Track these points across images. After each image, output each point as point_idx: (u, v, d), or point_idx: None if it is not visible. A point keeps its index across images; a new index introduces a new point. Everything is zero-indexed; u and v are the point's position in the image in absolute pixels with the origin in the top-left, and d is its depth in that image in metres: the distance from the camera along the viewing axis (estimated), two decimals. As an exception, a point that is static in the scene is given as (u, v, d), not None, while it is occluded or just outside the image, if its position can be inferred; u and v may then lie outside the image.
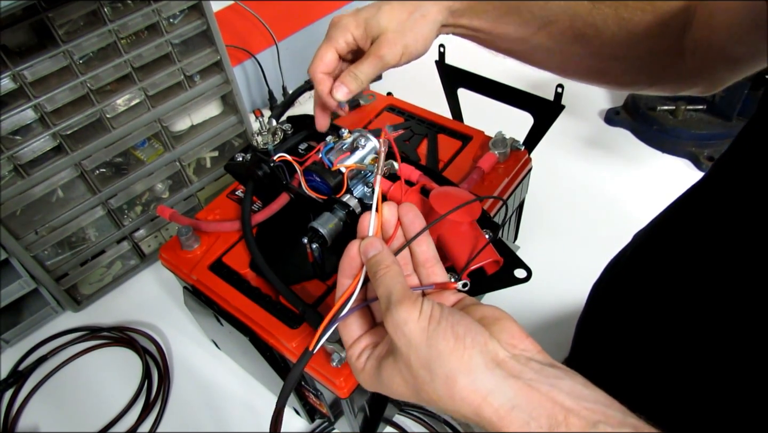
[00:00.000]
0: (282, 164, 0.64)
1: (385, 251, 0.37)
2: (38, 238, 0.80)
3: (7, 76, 0.68)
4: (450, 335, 0.31)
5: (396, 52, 0.51)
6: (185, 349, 0.85)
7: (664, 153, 1.08)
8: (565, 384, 0.30)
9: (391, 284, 0.35)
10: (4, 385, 0.82)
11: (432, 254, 0.41)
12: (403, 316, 0.32)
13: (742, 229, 0.35)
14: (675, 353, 0.41)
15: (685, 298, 0.41)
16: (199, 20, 0.83)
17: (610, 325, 0.51)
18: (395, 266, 0.36)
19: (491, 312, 0.35)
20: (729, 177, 0.39)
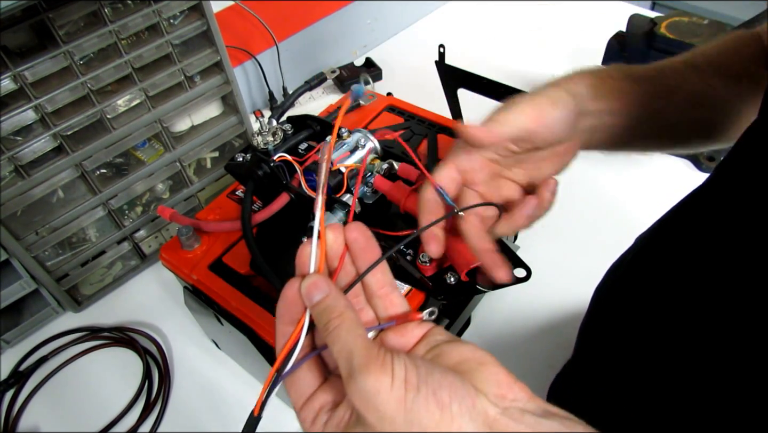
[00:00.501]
0: (282, 164, 0.64)
1: (334, 293, 0.30)
2: (39, 238, 0.80)
3: (7, 76, 0.69)
4: (433, 405, 0.26)
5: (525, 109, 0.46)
6: (186, 349, 0.86)
7: (663, 153, 1.08)
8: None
9: (350, 340, 0.28)
10: (4, 385, 0.82)
11: (388, 280, 0.35)
12: (372, 385, 0.26)
13: (746, 232, 0.35)
14: (679, 357, 0.41)
15: (689, 302, 0.40)
16: (200, 21, 0.83)
17: (613, 328, 0.50)
18: (349, 312, 0.29)
19: (471, 354, 0.30)
20: (731, 180, 0.39)
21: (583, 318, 0.57)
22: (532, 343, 0.82)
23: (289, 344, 0.31)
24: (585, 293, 0.64)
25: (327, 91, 1.30)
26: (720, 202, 0.40)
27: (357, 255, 0.34)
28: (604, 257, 0.60)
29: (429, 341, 0.32)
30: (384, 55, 1.33)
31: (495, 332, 0.83)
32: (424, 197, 0.42)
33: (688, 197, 0.45)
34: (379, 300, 0.34)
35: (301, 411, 0.31)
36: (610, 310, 0.52)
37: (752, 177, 0.36)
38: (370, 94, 0.88)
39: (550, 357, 0.79)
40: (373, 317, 0.35)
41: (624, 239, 0.58)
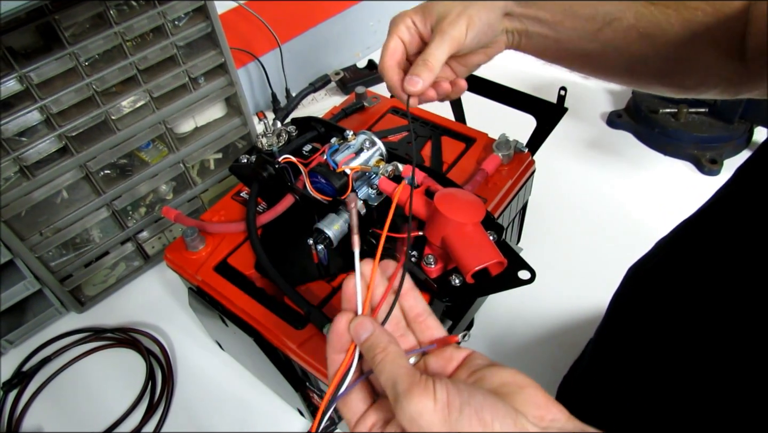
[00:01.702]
0: (287, 166, 0.64)
1: (378, 330, 0.34)
2: (43, 239, 0.80)
3: (13, 77, 0.69)
4: (476, 423, 0.28)
5: (461, 25, 0.48)
6: (189, 350, 0.86)
7: (666, 156, 1.08)
8: None
9: (394, 370, 0.31)
10: (8, 386, 0.82)
11: (422, 308, 0.38)
12: (416, 408, 0.29)
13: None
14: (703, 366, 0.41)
15: (715, 311, 0.40)
16: (204, 23, 0.83)
17: (634, 335, 0.50)
18: (392, 346, 0.33)
19: (512, 378, 0.32)
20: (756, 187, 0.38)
21: (601, 322, 0.57)
22: (534, 345, 0.82)
23: (342, 370, 0.35)
24: (588, 295, 0.64)
25: (330, 93, 1.31)
26: (745, 209, 0.39)
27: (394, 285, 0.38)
28: (607, 259, 0.60)
29: (470, 365, 0.34)
30: (386, 57, 1.33)
31: (498, 334, 0.83)
32: None
33: (710, 204, 0.45)
34: (416, 325, 0.37)
35: (356, 427, 0.34)
36: (631, 316, 0.51)
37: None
38: (373, 97, 0.89)
39: (552, 359, 0.79)
40: (415, 342, 0.37)
41: (625, 239, 0.58)
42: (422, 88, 0.50)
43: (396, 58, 0.52)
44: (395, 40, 0.52)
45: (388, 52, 0.52)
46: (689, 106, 1.06)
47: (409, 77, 0.50)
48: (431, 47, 0.49)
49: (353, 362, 0.35)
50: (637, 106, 1.11)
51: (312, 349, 0.57)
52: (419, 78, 0.49)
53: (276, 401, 0.78)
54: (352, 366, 0.35)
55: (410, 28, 0.51)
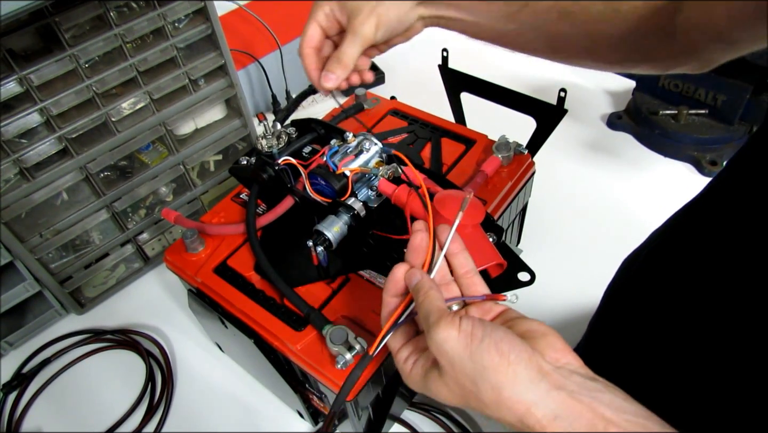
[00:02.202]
0: (287, 167, 0.64)
1: (425, 278, 0.41)
2: (43, 241, 0.80)
3: (13, 79, 0.69)
4: (494, 352, 0.33)
5: (370, 26, 0.50)
6: (189, 352, 0.86)
7: (666, 157, 1.08)
8: (605, 397, 0.32)
9: (430, 307, 0.38)
10: (7, 387, 0.82)
11: (471, 267, 0.44)
12: (442, 335, 0.35)
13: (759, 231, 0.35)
14: (690, 355, 0.41)
15: (704, 300, 0.40)
16: (204, 24, 0.83)
17: (625, 324, 0.51)
18: (432, 290, 0.39)
19: (537, 327, 0.37)
20: (744, 180, 0.39)
21: (594, 313, 0.57)
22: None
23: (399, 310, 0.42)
24: (589, 295, 0.64)
25: (330, 95, 1.31)
26: (734, 201, 0.40)
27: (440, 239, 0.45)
28: (608, 259, 0.60)
29: (504, 316, 0.41)
30: (387, 59, 1.33)
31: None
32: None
33: (701, 194, 0.45)
34: (464, 280, 0.44)
35: (397, 354, 0.41)
36: (623, 306, 0.52)
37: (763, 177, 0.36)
38: (374, 98, 0.89)
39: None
40: (458, 293, 0.44)
41: (626, 241, 0.58)
42: (336, 84, 0.54)
43: (313, 44, 0.54)
44: (314, 26, 0.54)
45: (306, 38, 0.54)
46: (689, 108, 1.06)
47: (324, 73, 0.53)
48: (344, 46, 0.51)
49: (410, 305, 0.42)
50: (637, 108, 1.11)
51: (311, 350, 0.57)
52: (333, 74, 0.53)
53: (275, 403, 0.78)
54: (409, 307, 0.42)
55: (329, 16, 0.53)
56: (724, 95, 1.02)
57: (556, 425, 0.31)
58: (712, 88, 1.03)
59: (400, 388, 0.64)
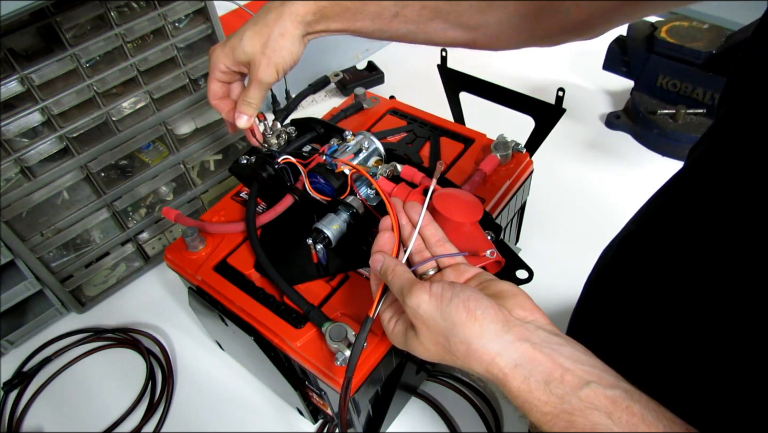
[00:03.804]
0: (286, 166, 0.65)
1: (387, 260, 0.45)
2: (44, 240, 0.80)
3: (14, 79, 0.69)
4: (462, 309, 0.37)
5: (271, 73, 0.57)
6: (189, 350, 0.86)
7: (664, 156, 1.08)
8: (565, 349, 0.35)
9: (400, 280, 0.42)
10: (8, 386, 0.82)
11: (441, 235, 0.49)
12: (415, 301, 0.39)
13: (725, 218, 0.37)
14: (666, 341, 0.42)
15: (671, 288, 0.41)
16: (204, 24, 0.84)
17: (602, 315, 0.51)
18: (398, 266, 0.44)
19: (508, 288, 0.41)
20: (707, 168, 0.40)
21: (575, 306, 0.58)
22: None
23: (378, 294, 0.46)
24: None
25: (330, 94, 1.31)
26: (697, 190, 0.41)
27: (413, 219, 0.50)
28: (606, 258, 0.60)
29: (478, 278, 0.44)
30: (386, 59, 1.34)
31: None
32: None
33: (667, 185, 0.47)
34: (437, 248, 0.48)
35: (382, 315, 0.46)
36: (598, 297, 0.53)
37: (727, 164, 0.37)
38: (373, 98, 0.89)
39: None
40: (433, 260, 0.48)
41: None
42: (249, 123, 0.61)
43: (218, 97, 0.62)
44: (214, 83, 0.61)
45: (210, 94, 0.62)
46: (687, 107, 1.06)
47: (238, 115, 0.60)
48: (251, 92, 0.59)
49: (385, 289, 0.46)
50: (636, 108, 1.12)
51: (311, 348, 0.57)
52: (245, 115, 0.60)
53: (276, 401, 0.78)
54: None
55: (225, 72, 0.60)
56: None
57: (516, 372, 0.34)
58: (710, 88, 1.04)
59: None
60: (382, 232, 0.48)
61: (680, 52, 1.03)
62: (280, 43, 0.56)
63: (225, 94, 0.63)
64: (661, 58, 1.06)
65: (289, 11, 0.55)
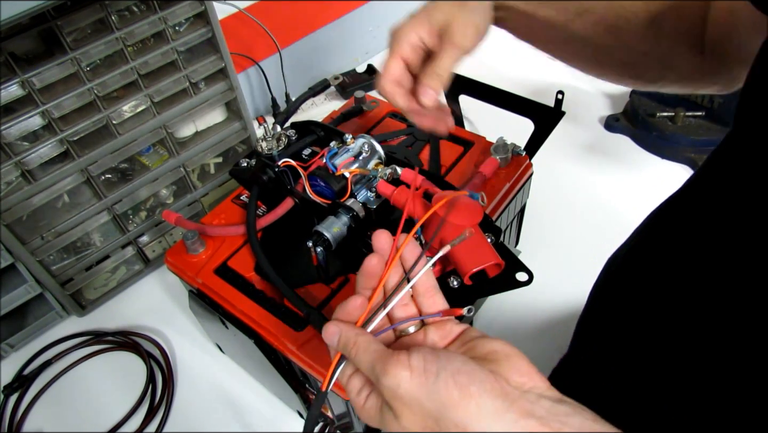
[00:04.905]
0: (286, 169, 0.65)
1: (345, 329, 0.36)
2: (44, 243, 0.81)
3: (15, 82, 0.69)
4: (452, 386, 0.30)
5: (471, 36, 0.48)
6: (189, 353, 0.86)
7: (663, 159, 1.09)
8: (575, 421, 0.30)
9: (367, 356, 0.34)
10: (9, 389, 0.82)
11: (432, 284, 0.40)
12: (394, 381, 0.31)
13: (736, 227, 0.36)
14: (674, 349, 0.42)
15: (682, 295, 0.41)
16: (205, 28, 0.84)
17: (609, 322, 0.51)
18: (360, 337, 0.35)
19: (500, 347, 0.35)
20: (717, 178, 0.40)
21: (581, 313, 0.58)
22: (534, 346, 0.82)
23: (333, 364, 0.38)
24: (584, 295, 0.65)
25: (329, 97, 1.32)
26: (710, 197, 0.41)
27: (404, 261, 0.40)
28: (604, 260, 0.60)
29: (464, 337, 0.37)
30: (386, 62, 1.34)
31: (497, 335, 0.84)
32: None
33: (680, 191, 0.46)
34: (423, 299, 0.40)
35: (349, 383, 0.37)
36: (607, 304, 0.53)
37: (738, 174, 0.37)
38: (372, 101, 0.89)
39: (552, 360, 0.79)
40: (417, 313, 0.40)
41: (624, 243, 0.58)
42: (435, 100, 0.49)
43: (395, 78, 0.51)
44: (396, 61, 0.50)
45: (388, 73, 0.50)
46: (686, 110, 1.07)
47: (423, 88, 0.48)
48: (443, 58, 0.48)
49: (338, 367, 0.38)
50: (635, 110, 1.12)
51: (312, 350, 0.57)
52: (432, 89, 0.48)
53: (276, 404, 0.78)
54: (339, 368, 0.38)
55: (415, 46, 0.50)
56: (720, 97, 1.03)
57: None
58: (709, 91, 1.04)
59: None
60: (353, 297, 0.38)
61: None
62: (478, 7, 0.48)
63: (401, 78, 0.51)
64: (660, 60, 1.06)
65: None
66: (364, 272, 0.39)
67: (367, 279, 0.39)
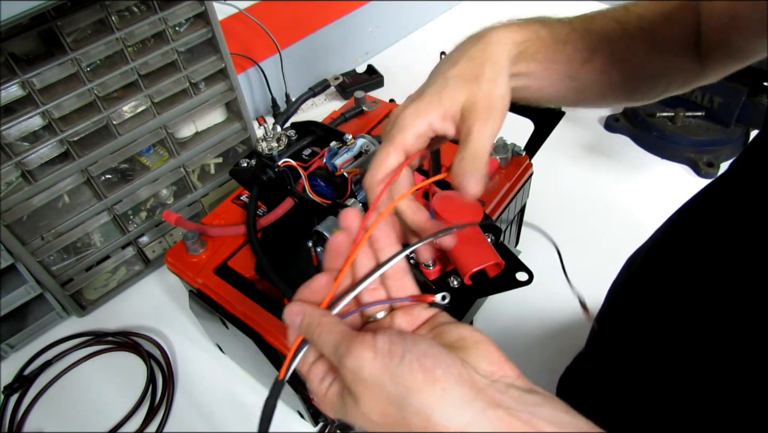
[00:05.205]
0: (287, 169, 0.65)
1: (308, 310, 0.34)
2: (44, 243, 0.81)
3: (15, 83, 0.70)
4: (417, 369, 0.28)
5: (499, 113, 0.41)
6: (189, 353, 0.86)
7: (663, 159, 1.09)
8: (545, 411, 0.29)
9: (331, 337, 0.32)
10: (9, 390, 0.82)
11: (401, 266, 0.37)
12: (357, 361, 0.29)
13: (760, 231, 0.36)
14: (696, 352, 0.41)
15: (706, 298, 0.41)
16: (205, 28, 0.84)
17: (630, 323, 0.51)
18: (324, 318, 0.33)
19: (470, 334, 0.33)
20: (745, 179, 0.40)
21: (599, 312, 0.58)
22: (534, 346, 0.82)
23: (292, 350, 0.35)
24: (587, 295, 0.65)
25: (329, 97, 1.32)
26: (737, 199, 0.40)
27: (375, 240, 0.37)
28: (605, 260, 0.60)
29: (433, 322, 0.35)
30: (386, 62, 1.34)
31: (497, 336, 0.83)
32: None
33: (704, 192, 0.46)
34: (392, 282, 0.37)
35: (311, 371, 0.35)
36: (627, 304, 0.52)
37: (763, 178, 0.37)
38: (372, 101, 0.89)
39: (552, 360, 0.79)
40: (386, 296, 0.37)
41: (624, 242, 0.58)
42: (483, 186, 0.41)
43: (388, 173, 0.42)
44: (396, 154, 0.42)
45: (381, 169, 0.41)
46: (686, 110, 1.07)
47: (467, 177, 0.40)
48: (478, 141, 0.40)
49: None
50: (635, 110, 1.12)
51: (312, 350, 0.57)
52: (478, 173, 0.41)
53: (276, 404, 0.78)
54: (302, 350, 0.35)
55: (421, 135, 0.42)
56: (720, 98, 1.03)
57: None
58: (709, 91, 1.04)
59: None
60: (319, 276, 0.36)
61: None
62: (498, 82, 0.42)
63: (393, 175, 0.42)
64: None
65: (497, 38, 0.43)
66: (330, 250, 0.36)
67: (332, 258, 0.36)
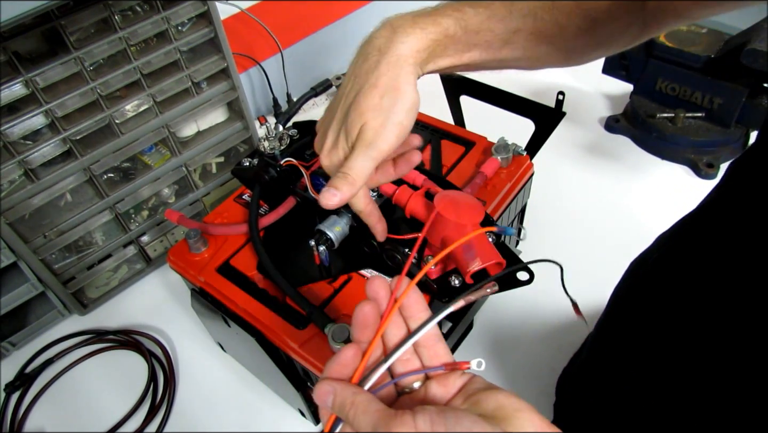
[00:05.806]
0: (289, 168, 0.65)
1: (339, 388, 0.32)
2: (46, 241, 0.81)
3: (19, 82, 0.70)
4: None
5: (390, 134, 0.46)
6: (191, 352, 0.86)
7: (663, 160, 1.09)
8: None
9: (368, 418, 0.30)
10: (10, 387, 0.83)
11: (434, 332, 0.36)
12: None
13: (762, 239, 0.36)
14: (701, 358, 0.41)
15: (710, 306, 0.41)
16: (207, 28, 0.84)
17: (634, 327, 0.51)
18: (358, 396, 0.32)
19: (509, 402, 0.31)
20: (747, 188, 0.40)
21: (601, 316, 0.58)
22: (534, 346, 0.82)
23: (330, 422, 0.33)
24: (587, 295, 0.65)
25: (331, 97, 1.32)
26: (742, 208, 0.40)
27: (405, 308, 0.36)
28: (606, 261, 0.60)
29: (468, 390, 0.33)
30: (387, 63, 1.34)
31: (497, 336, 0.84)
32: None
33: (710, 199, 0.46)
34: (425, 350, 0.36)
35: None
36: (631, 309, 0.52)
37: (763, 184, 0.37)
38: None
39: (551, 360, 0.79)
40: (419, 366, 0.36)
41: (625, 244, 0.59)
42: (339, 202, 0.44)
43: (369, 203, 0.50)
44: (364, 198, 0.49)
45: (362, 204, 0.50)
46: (686, 111, 1.07)
47: (326, 189, 0.44)
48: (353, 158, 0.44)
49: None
50: (635, 111, 1.12)
51: (313, 349, 0.57)
52: (337, 191, 0.43)
53: (277, 402, 0.79)
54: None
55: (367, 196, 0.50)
56: (720, 98, 1.03)
57: None
58: (709, 92, 1.04)
59: None
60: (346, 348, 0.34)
61: (679, 56, 1.04)
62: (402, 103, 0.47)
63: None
64: (660, 62, 1.07)
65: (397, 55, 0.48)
66: (357, 321, 0.34)
67: (360, 329, 0.34)
